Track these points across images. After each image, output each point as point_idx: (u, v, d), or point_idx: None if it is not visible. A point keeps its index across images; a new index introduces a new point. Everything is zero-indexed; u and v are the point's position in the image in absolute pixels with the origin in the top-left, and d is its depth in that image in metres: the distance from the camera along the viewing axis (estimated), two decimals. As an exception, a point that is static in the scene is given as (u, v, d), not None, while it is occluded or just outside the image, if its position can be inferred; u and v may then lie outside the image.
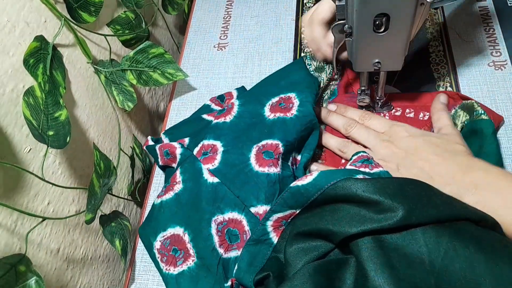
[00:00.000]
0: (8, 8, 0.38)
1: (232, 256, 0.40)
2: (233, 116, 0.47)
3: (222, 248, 0.40)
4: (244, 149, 0.43)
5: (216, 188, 0.41)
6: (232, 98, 0.54)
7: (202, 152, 0.45)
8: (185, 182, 0.44)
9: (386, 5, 0.35)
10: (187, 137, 0.49)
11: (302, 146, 0.46)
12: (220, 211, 0.41)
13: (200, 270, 0.40)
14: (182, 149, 0.46)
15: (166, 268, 0.42)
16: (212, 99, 0.55)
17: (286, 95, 0.47)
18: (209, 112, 0.53)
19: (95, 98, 0.52)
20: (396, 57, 0.41)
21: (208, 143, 0.45)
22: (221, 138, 0.45)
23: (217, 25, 0.66)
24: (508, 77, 0.49)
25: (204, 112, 0.53)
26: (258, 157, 0.42)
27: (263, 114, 0.46)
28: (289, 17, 0.64)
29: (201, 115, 0.52)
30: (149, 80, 0.54)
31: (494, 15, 0.55)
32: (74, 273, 0.46)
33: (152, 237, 0.44)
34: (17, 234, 0.37)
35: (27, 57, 0.39)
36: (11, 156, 0.37)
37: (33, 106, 0.38)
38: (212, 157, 0.44)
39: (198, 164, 0.44)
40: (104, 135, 0.53)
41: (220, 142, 0.45)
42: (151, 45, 0.54)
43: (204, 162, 0.43)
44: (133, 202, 0.61)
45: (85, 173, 0.48)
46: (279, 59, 0.59)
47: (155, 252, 0.43)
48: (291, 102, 0.46)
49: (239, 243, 0.40)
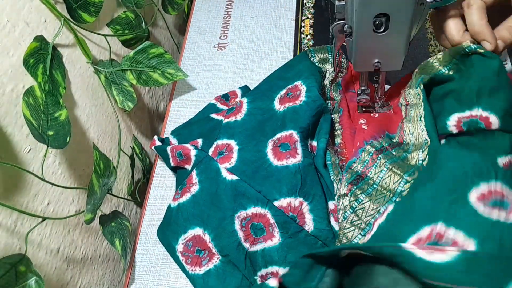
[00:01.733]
0: (8, 8, 0.38)
1: (258, 249, 0.40)
2: (243, 114, 0.48)
3: (248, 243, 0.40)
4: (259, 146, 0.44)
5: (236, 186, 0.42)
6: (236, 97, 0.54)
7: (218, 152, 0.45)
8: (201, 183, 0.44)
9: (386, 5, 0.35)
10: (199, 138, 0.49)
11: (315, 132, 0.46)
12: (242, 207, 0.41)
13: (227, 267, 0.41)
14: (197, 150, 0.46)
15: (191, 269, 0.42)
16: (216, 98, 0.55)
17: (292, 84, 0.47)
18: (216, 111, 0.53)
19: (95, 98, 0.52)
20: (396, 57, 0.41)
21: (222, 142, 0.46)
22: (234, 137, 0.46)
23: (217, 25, 0.66)
24: (508, 77, 0.49)
25: (211, 112, 0.53)
26: (275, 151, 0.43)
27: (273, 108, 0.47)
28: (289, 17, 0.64)
29: (209, 115, 0.52)
30: (149, 80, 0.54)
31: (494, 15, 0.55)
32: (74, 273, 0.46)
33: (173, 240, 0.44)
34: (17, 234, 0.37)
35: (27, 57, 0.39)
36: (11, 156, 0.37)
37: (33, 106, 0.38)
38: (228, 156, 0.44)
39: (215, 164, 0.44)
40: (104, 135, 0.53)
41: (234, 140, 0.45)
42: (151, 45, 0.54)
43: (221, 162, 0.44)
44: (133, 202, 0.61)
45: (85, 173, 0.48)
46: (279, 59, 0.59)
47: (179, 255, 0.43)
48: (298, 90, 0.46)
49: (265, 235, 0.40)
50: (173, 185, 0.52)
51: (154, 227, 0.50)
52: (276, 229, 0.39)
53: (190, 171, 0.46)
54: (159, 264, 0.47)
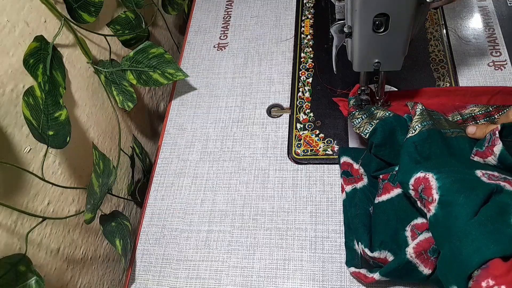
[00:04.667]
0: (8, 8, 0.38)
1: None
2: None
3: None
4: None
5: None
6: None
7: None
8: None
9: (386, 5, 0.35)
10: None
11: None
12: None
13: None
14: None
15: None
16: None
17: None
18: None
19: (95, 98, 0.52)
20: (396, 57, 0.41)
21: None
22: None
23: (217, 25, 0.66)
24: (508, 77, 0.49)
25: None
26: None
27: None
28: (289, 17, 0.64)
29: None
30: (149, 80, 0.54)
31: (494, 15, 0.55)
32: (74, 273, 0.46)
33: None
34: (17, 234, 0.37)
35: (27, 57, 0.39)
36: (11, 156, 0.37)
37: (33, 106, 0.38)
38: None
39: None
40: (104, 135, 0.53)
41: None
42: (151, 45, 0.54)
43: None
44: (133, 202, 0.61)
45: (85, 173, 0.48)
46: (279, 59, 0.59)
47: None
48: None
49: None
50: (173, 185, 0.52)
51: (154, 227, 0.50)
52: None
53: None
54: (159, 264, 0.47)
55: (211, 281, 0.45)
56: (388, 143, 0.43)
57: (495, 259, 0.28)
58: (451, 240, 0.31)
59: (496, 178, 0.34)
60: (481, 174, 0.35)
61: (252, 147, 0.53)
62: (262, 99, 0.56)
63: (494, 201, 0.32)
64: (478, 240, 0.29)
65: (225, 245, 0.47)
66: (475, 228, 0.30)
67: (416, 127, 0.41)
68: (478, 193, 0.32)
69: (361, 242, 0.40)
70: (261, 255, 0.45)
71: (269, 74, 0.58)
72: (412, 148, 0.40)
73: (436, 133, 0.40)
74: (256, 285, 0.43)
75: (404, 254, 0.35)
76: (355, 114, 0.47)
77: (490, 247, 0.28)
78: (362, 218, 0.42)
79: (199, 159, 0.53)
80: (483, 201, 0.31)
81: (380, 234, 0.40)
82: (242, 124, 0.55)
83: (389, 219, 0.40)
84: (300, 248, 0.45)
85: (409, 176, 0.37)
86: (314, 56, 0.58)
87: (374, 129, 0.43)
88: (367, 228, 0.41)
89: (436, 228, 0.33)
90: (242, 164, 0.52)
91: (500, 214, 0.30)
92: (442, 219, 0.33)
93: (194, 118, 0.57)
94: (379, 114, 0.45)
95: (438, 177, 0.35)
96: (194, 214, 0.49)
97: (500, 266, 0.27)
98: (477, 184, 0.33)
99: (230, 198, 0.49)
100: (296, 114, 0.53)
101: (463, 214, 0.31)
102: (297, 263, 0.44)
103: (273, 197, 0.48)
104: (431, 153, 0.39)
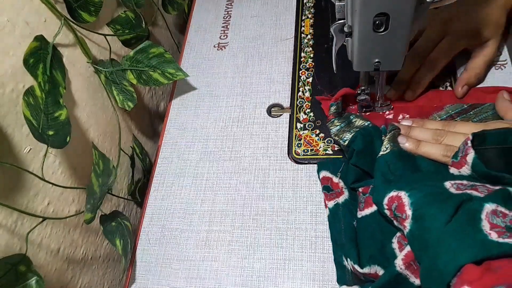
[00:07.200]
0: (8, 8, 0.38)
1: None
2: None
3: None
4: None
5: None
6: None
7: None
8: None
9: (386, 5, 0.35)
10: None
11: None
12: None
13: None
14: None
15: None
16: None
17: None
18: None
19: (95, 98, 0.52)
20: (396, 57, 0.41)
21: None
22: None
23: (217, 24, 0.66)
24: (508, 76, 0.49)
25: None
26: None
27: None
28: (289, 16, 0.64)
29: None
30: (149, 79, 0.54)
31: (494, 14, 0.55)
32: (75, 273, 0.46)
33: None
34: (17, 234, 0.37)
35: (27, 57, 0.39)
36: (11, 156, 0.37)
37: (33, 106, 0.38)
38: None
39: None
40: (104, 135, 0.53)
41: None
42: (151, 44, 0.54)
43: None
44: (133, 202, 0.61)
45: (85, 173, 0.48)
46: (279, 59, 0.59)
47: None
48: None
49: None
50: (173, 185, 0.52)
51: (154, 227, 0.50)
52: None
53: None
54: (159, 264, 0.47)
55: (211, 281, 0.45)
56: (368, 151, 0.43)
57: (467, 264, 0.28)
58: (427, 252, 0.32)
59: (464, 187, 0.35)
60: (449, 186, 0.35)
61: (252, 146, 0.53)
62: (262, 98, 0.56)
63: (464, 209, 0.32)
64: (451, 248, 0.30)
65: (225, 245, 0.47)
66: (447, 237, 0.31)
67: (388, 145, 0.42)
68: (448, 204, 0.33)
69: (350, 259, 0.40)
70: (261, 255, 0.45)
71: (269, 73, 0.58)
72: (385, 168, 0.40)
73: (404, 152, 0.42)
74: (256, 285, 0.43)
75: (393, 267, 0.35)
76: (334, 121, 0.47)
77: (462, 254, 0.29)
78: (348, 233, 0.42)
79: (199, 159, 0.53)
80: (454, 211, 0.32)
81: (368, 248, 0.39)
82: (242, 124, 0.55)
83: (374, 232, 0.40)
84: (300, 248, 0.45)
85: (383, 196, 0.38)
86: (314, 56, 0.58)
87: (354, 137, 0.43)
88: (354, 243, 0.41)
89: (413, 244, 0.34)
90: (242, 163, 0.52)
91: (470, 220, 0.31)
92: (417, 233, 0.33)
93: (194, 118, 0.57)
94: (357, 122, 0.46)
95: (410, 194, 0.35)
96: (194, 214, 0.49)
97: (473, 271, 0.28)
98: (447, 196, 0.34)
99: (230, 198, 0.49)
100: (296, 114, 0.53)
101: (436, 225, 0.32)
102: (297, 263, 0.44)
103: (273, 197, 0.48)
104: (404, 172, 0.40)
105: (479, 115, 0.46)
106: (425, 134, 0.44)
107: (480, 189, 0.34)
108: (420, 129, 0.45)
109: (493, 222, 0.30)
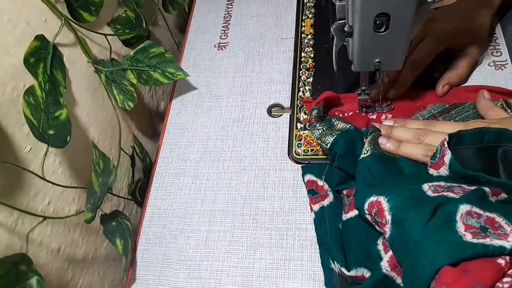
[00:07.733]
0: (9, 8, 0.38)
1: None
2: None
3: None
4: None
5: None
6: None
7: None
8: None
9: (386, 5, 0.35)
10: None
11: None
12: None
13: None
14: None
15: None
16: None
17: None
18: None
19: (96, 98, 0.52)
20: (397, 56, 0.41)
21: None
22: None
23: (218, 24, 0.66)
24: (509, 77, 0.49)
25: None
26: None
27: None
28: (290, 16, 0.64)
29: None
30: (150, 79, 0.54)
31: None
32: (75, 272, 0.46)
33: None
34: (18, 233, 0.37)
35: (27, 56, 0.39)
36: (11, 155, 0.37)
37: (33, 105, 0.38)
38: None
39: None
40: (104, 135, 0.53)
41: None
42: (151, 44, 0.54)
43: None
44: (134, 201, 0.61)
45: (86, 173, 0.48)
46: (280, 59, 0.59)
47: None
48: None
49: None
50: (173, 185, 0.52)
51: (154, 227, 0.50)
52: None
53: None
54: (160, 263, 0.47)
55: (211, 281, 0.45)
56: (351, 153, 0.43)
57: (444, 267, 0.28)
58: (407, 257, 0.32)
59: (442, 189, 0.35)
60: (427, 188, 0.35)
61: (253, 146, 0.53)
62: (263, 98, 0.56)
63: (440, 211, 0.32)
64: (428, 252, 0.30)
65: (225, 245, 0.47)
66: (424, 240, 0.31)
67: (368, 148, 0.42)
68: (425, 208, 0.33)
69: (336, 262, 0.40)
70: (261, 255, 0.45)
71: (270, 73, 0.58)
72: (366, 171, 0.40)
73: (384, 155, 0.42)
74: (256, 285, 0.43)
75: (379, 269, 0.34)
76: (316, 125, 0.47)
77: (439, 257, 0.29)
78: (334, 236, 0.42)
79: (199, 158, 0.53)
80: (431, 214, 0.32)
81: (354, 251, 0.39)
82: (242, 124, 0.55)
83: (359, 235, 0.40)
84: (300, 248, 0.45)
85: (363, 201, 0.37)
86: (314, 56, 0.58)
87: (336, 140, 0.43)
88: (340, 246, 0.41)
89: (394, 248, 0.34)
90: (242, 163, 0.52)
91: (446, 222, 0.31)
92: (397, 238, 0.33)
93: (194, 118, 0.57)
94: (339, 125, 0.46)
95: (390, 199, 0.35)
96: (194, 214, 0.49)
97: (450, 273, 0.28)
98: (424, 199, 0.34)
99: (230, 197, 0.49)
100: (297, 114, 0.53)
101: (414, 230, 0.32)
102: (297, 263, 0.44)
103: (273, 197, 0.48)
104: (385, 174, 0.40)
105: (461, 114, 0.46)
106: (407, 133, 0.44)
107: (456, 190, 0.34)
108: (401, 129, 0.45)
109: (468, 223, 0.30)
